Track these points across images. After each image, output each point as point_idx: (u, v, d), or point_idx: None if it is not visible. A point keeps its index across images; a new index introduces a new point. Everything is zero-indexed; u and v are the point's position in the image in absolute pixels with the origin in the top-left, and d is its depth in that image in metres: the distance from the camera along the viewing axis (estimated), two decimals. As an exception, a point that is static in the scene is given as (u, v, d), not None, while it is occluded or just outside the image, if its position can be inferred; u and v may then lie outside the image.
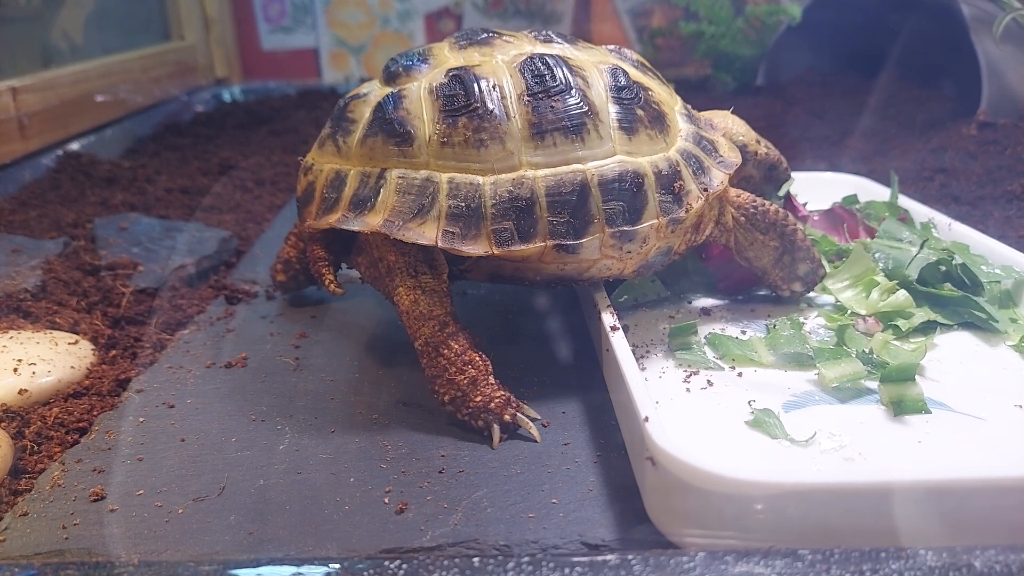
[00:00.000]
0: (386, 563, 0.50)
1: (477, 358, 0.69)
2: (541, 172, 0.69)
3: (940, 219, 0.98)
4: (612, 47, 0.82)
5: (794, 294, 0.85)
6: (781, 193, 0.97)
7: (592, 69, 0.75)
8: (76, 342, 0.81)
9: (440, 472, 0.63)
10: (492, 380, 0.69)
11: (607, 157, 0.71)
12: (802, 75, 1.94)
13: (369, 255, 0.75)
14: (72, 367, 0.77)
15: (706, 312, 0.85)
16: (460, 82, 0.71)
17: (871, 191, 1.12)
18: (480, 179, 0.69)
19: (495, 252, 0.68)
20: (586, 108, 0.71)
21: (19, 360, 0.75)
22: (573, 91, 0.71)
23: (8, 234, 1.09)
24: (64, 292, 0.94)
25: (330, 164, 0.74)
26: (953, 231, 0.96)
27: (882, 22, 1.72)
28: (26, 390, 0.73)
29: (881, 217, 0.99)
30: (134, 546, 0.56)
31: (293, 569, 0.51)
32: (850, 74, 1.88)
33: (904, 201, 1.05)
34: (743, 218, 0.81)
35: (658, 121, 0.75)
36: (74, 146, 1.50)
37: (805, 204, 1.05)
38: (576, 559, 0.50)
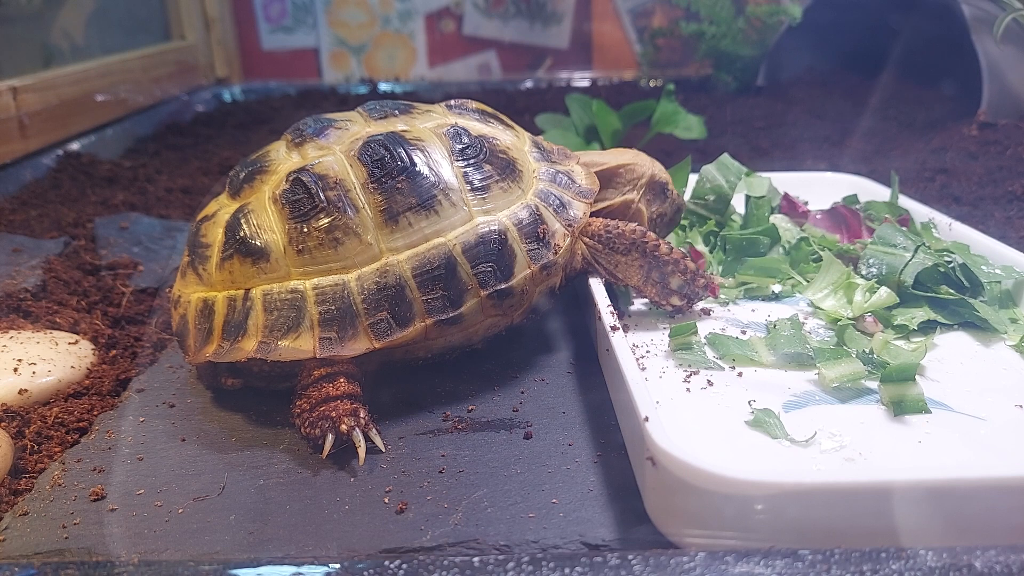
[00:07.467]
0: (386, 563, 0.50)
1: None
2: (404, 255, 0.69)
3: (941, 219, 0.98)
4: (452, 103, 0.82)
5: (676, 308, 0.83)
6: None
7: (431, 138, 0.74)
8: (76, 342, 0.81)
9: (440, 472, 0.63)
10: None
11: (465, 223, 0.71)
12: (802, 75, 1.94)
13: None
14: (72, 367, 0.77)
15: (706, 312, 0.85)
16: (301, 185, 0.69)
17: (871, 191, 1.12)
18: (345, 277, 0.68)
19: (376, 346, 0.67)
20: (433, 180, 0.70)
21: (19, 360, 0.75)
22: (417, 167, 0.70)
23: (8, 234, 1.09)
24: (64, 292, 0.94)
25: (196, 293, 0.73)
26: (954, 231, 0.96)
27: (882, 22, 1.72)
28: (26, 390, 0.73)
29: (882, 218, 0.99)
30: (134, 546, 0.56)
31: (293, 569, 0.51)
32: (850, 74, 1.88)
33: (904, 201, 1.05)
34: (599, 244, 0.80)
35: (509, 170, 0.75)
36: (74, 146, 1.50)
37: (806, 203, 1.06)
38: (576, 559, 0.50)
